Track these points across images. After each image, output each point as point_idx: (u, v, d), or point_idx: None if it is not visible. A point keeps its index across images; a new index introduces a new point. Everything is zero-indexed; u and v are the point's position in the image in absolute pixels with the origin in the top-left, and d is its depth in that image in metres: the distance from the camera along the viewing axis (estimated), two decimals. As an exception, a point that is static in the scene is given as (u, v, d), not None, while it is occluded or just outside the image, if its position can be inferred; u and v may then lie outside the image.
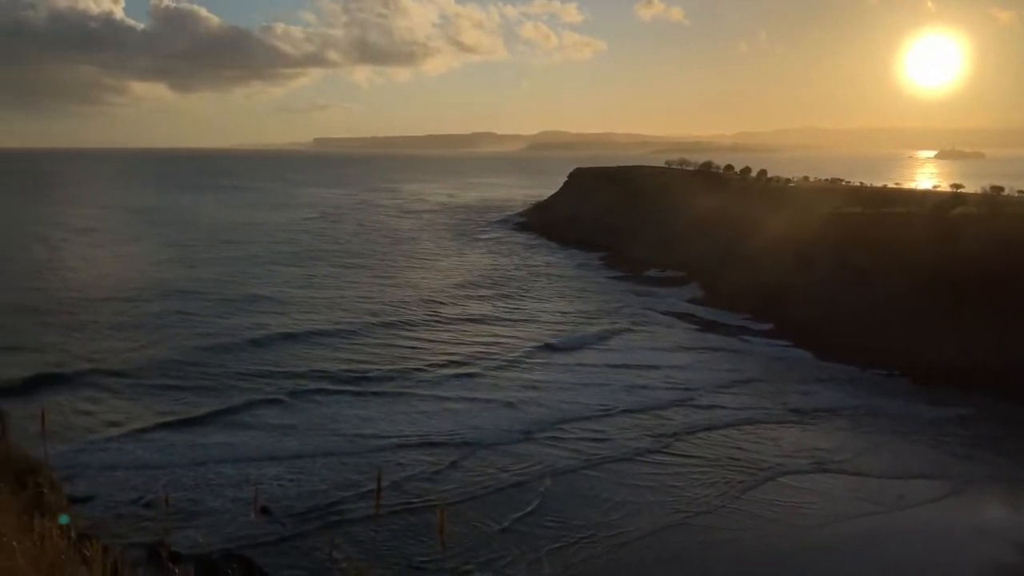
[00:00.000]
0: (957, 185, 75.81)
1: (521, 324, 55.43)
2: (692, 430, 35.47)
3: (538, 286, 70.83)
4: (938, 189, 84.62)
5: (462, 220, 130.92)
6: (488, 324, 55.00)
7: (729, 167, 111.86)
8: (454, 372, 42.84)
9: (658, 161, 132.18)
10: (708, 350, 49.76)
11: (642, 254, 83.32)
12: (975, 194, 68.28)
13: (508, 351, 47.53)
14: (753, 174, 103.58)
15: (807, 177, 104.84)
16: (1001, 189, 69.04)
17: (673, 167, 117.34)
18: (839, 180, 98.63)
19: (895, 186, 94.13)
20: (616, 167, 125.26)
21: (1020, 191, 68.60)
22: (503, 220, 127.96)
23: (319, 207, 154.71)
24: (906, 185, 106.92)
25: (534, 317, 57.97)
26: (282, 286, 65.50)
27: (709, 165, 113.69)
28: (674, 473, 30.87)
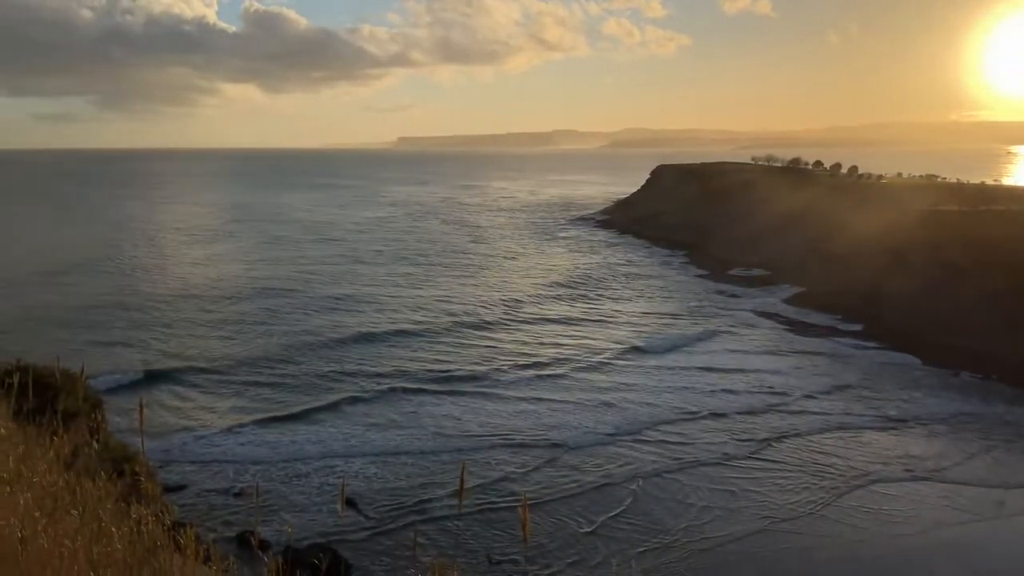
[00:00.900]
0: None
1: (604, 324, 54.90)
2: (781, 435, 34.57)
3: (620, 285, 70.17)
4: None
5: (543, 218, 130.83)
6: (570, 324, 54.61)
7: (818, 163, 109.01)
8: (537, 373, 42.67)
9: (744, 157, 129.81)
10: (798, 353, 48.30)
11: (726, 252, 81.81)
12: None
13: (592, 353, 47.04)
14: (843, 170, 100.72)
15: (900, 173, 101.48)
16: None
17: (759, 163, 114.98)
18: (934, 176, 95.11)
19: (994, 182, 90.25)
20: (700, 163, 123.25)
21: None
22: (584, 218, 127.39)
23: (403, 205, 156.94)
24: (1005, 181, 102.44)
25: (617, 317, 57.39)
26: (367, 285, 66.59)
27: (797, 161, 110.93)
28: (762, 478, 30.19)
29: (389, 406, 36.85)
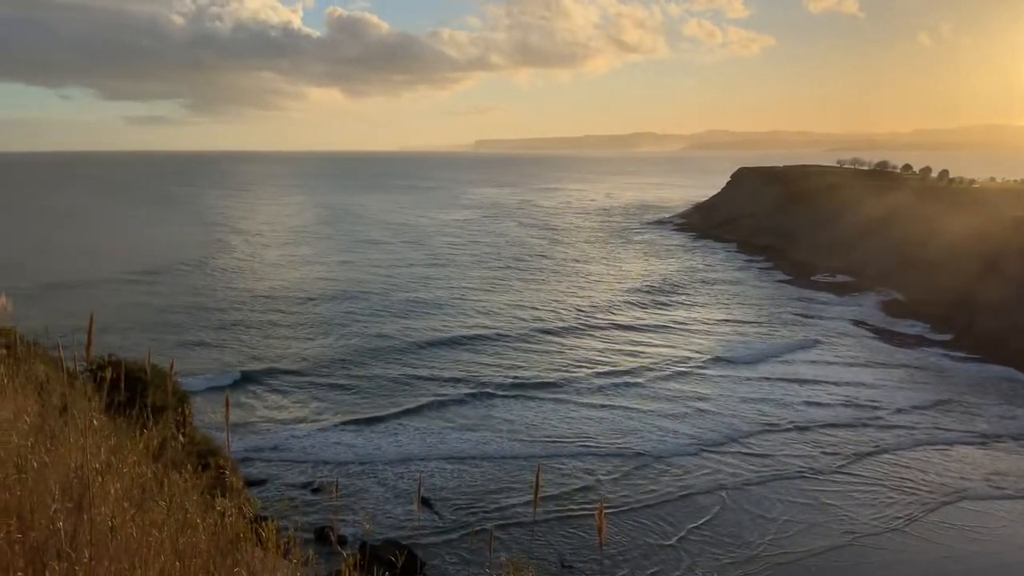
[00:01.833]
0: None
1: (681, 332, 53.97)
2: (867, 449, 33.49)
3: (699, 291, 69.02)
4: None
5: (620, 221, 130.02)
6: (648, 331, 53.82)
7: (907, 166, 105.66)
8: (616, 381, 42.18)
9: (828, 160, 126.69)
10: (886, 364, 46.65)
11: (809, 257, 79.88)
12: None
13: (671, 360, 46.26)
14: (934, 174, 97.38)
15: (993, 178, 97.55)
16: None
17: (845, 166, 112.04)
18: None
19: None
20: (783, 166, 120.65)
21: None
22: (662, 221, 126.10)
23: (480, 207, 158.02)
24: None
25: (695, 324, 56.37)
26: (444, 289, 67.06)
27: (885, 165, 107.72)
28: (846, 493, 29.35)
29: (466, 411, 37.07)
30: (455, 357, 45.87)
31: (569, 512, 26.66)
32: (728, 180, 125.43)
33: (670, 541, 25.38)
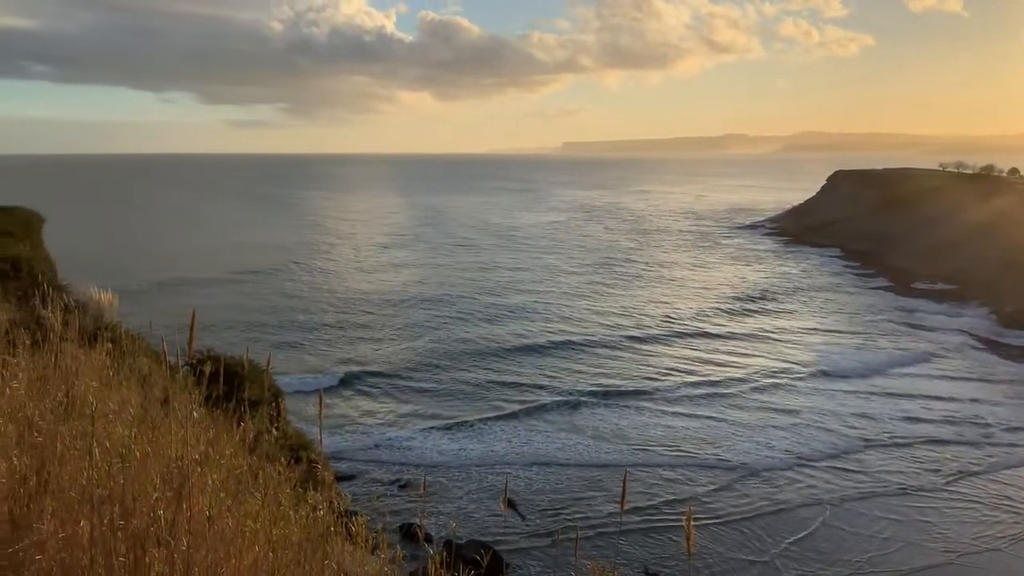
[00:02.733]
0: None
1: (774, 341, 52.30)
2: (972, 468, 31.94)
3: (792, 298, 67.05)
4: None
5: (710, 225, 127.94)
6: (739, 340, 52.40)
7: (1014, 170, 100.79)
8: (708, 391, 41.22)
9: (929, 163, 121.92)
10: (993, 379, 44.28)
11: (908, 264, 76.93)
12: None
13: (763, 371, 44.84)
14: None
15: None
16: None
17: (947, 169, 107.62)
18: None
19: None
20: (881, 169, 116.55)
21: None
22: (753, 225, 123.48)
23: (568, 210, 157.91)
24: None
25: (788, 333, 54.60)
26: (531, 294, 66.91)
27: (991, 168, 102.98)
28: (947, 511, 28.10)
29: (552, 416, 36.94)
30: (541, 362, 45.82)
31: (656, 522, 26.30)
32: (823, 183, 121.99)
33: (764, 557, 24.76)
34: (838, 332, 55.23)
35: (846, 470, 31.62)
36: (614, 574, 5.25)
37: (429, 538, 21.95)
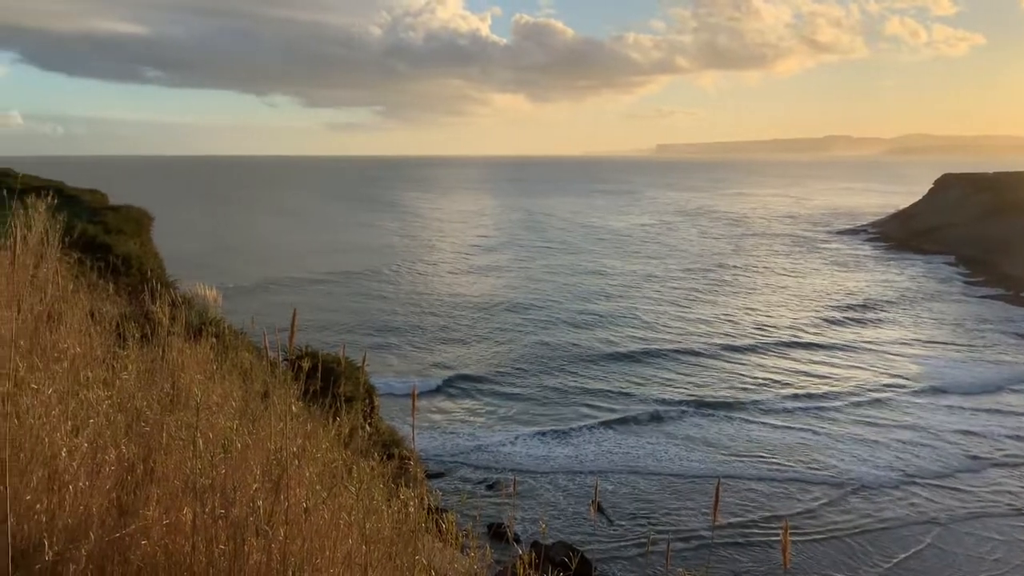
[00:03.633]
0: None
1: (878, 353, 49.85)
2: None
3: (896, 307, 64.22)
4: None
5: (810, 229, 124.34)
6: (839, 350, 50.33)
7: None
8: (806, 404, 39.74)
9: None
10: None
11: (1022, 272, 73.10)
12: None
13: (866, 385, 42.90)
14: None
15: None
16: None
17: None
18: None
19: None
20: (993, 173, 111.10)
21: None
22: (855, 229, 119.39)
23: (661, 213, 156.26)
24: None
25: (892, 345, 52.12)
26: (622, 299, 66.10)
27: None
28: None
29: (643, 425, 36.44)
30: (631, 370, 45.27)
31: (750, 536, 25.59)
32: (931, 187, 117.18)
33: (883, 568, 23.87)
34: (945, 344, 52.65)
35: (955, 489, 30.12)
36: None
37: (517, 538, 21.99)
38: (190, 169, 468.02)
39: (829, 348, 51.11)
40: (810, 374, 45.23)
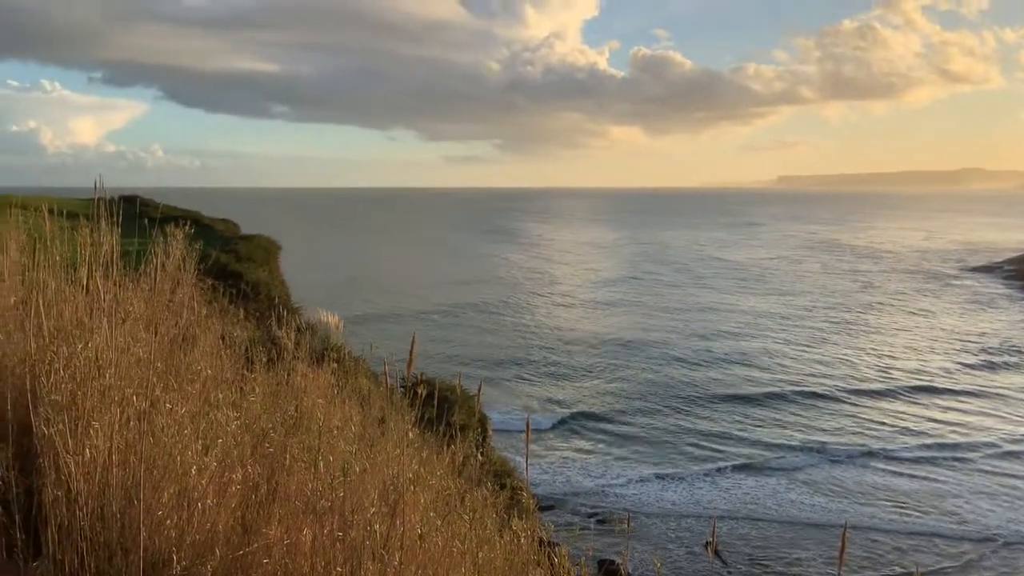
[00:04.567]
0: None
1: (1019, 401, 45.85)
2: None
3: (1034, 349, 60.06)
4: None
5: (941, 265, 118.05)
6: (976, 398, 46.58)
7: None
8: (940, 453, 37.03)
9: None
10: None
11: None
12: None
13: (1008, 436, 39.44)
14: None
15: None
16: None
17: None
18: None
19: None
20: None
21: None
22: (990, 267, 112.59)
23: (783, 247, 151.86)
24: None
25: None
26: (740, 338, 63.82)
27: None
28: None
29: (762, 469, 35.08)
30: (749, 412, 43.68)
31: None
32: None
33: None
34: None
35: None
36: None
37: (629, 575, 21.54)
38: (316, 201, 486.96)
39: (962, 394, 47.88)
40: (942, 421, 42.44)
